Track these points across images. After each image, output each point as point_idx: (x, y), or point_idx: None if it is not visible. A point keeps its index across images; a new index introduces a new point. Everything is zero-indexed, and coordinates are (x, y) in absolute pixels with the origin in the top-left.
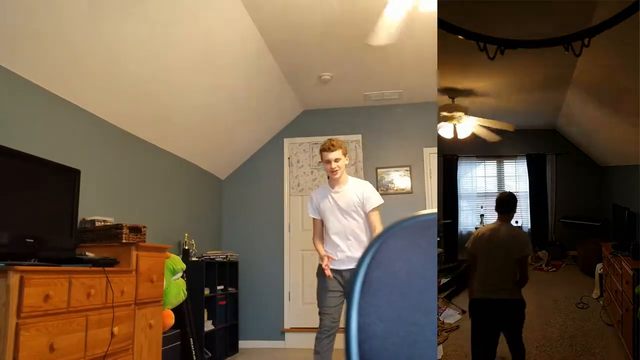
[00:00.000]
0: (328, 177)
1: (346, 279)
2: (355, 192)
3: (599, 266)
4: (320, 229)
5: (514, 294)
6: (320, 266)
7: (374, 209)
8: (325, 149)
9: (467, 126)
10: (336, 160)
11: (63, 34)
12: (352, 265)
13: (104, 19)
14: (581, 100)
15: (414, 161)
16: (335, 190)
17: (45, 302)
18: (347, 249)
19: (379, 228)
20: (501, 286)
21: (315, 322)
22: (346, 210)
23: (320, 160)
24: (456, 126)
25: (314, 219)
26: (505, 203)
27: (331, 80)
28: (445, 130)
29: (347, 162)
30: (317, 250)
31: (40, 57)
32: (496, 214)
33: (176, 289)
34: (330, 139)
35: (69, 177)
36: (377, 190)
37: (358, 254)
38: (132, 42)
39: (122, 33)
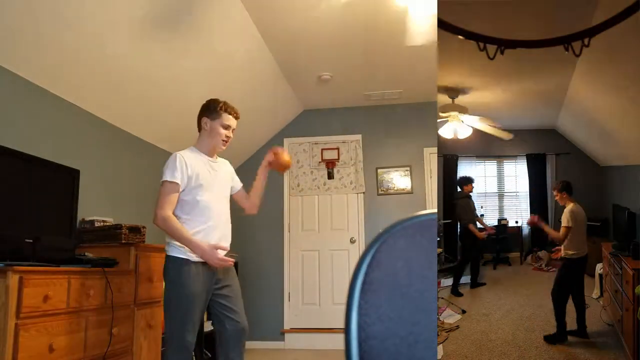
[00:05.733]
0: (200, 146)
1: (219, 274)
2: (227, 168)
3: (599, 266)
4: (175, 202)
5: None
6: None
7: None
8: (231, 111)
9: (467, 126)
10: (233, 130)
11: (63, 34)
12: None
13: (104, 20)
14: (581, 100)
15: (414, 161)
16: (214, 159)
17: (45, 303)
18: (221, 235)
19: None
20: (584, 247)
21: (315, 322)
22: (224, 186)
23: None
24: (456, 126)
25: (171, 185)
26: (570, 186)
27: (331, 80)
28: (445, 130)
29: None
30: (177, 233)
31: (40, 57)
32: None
33: None
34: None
35: (68, 177)
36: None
37: (227, 243)
38: (131, 42)
39: (122, 33)
